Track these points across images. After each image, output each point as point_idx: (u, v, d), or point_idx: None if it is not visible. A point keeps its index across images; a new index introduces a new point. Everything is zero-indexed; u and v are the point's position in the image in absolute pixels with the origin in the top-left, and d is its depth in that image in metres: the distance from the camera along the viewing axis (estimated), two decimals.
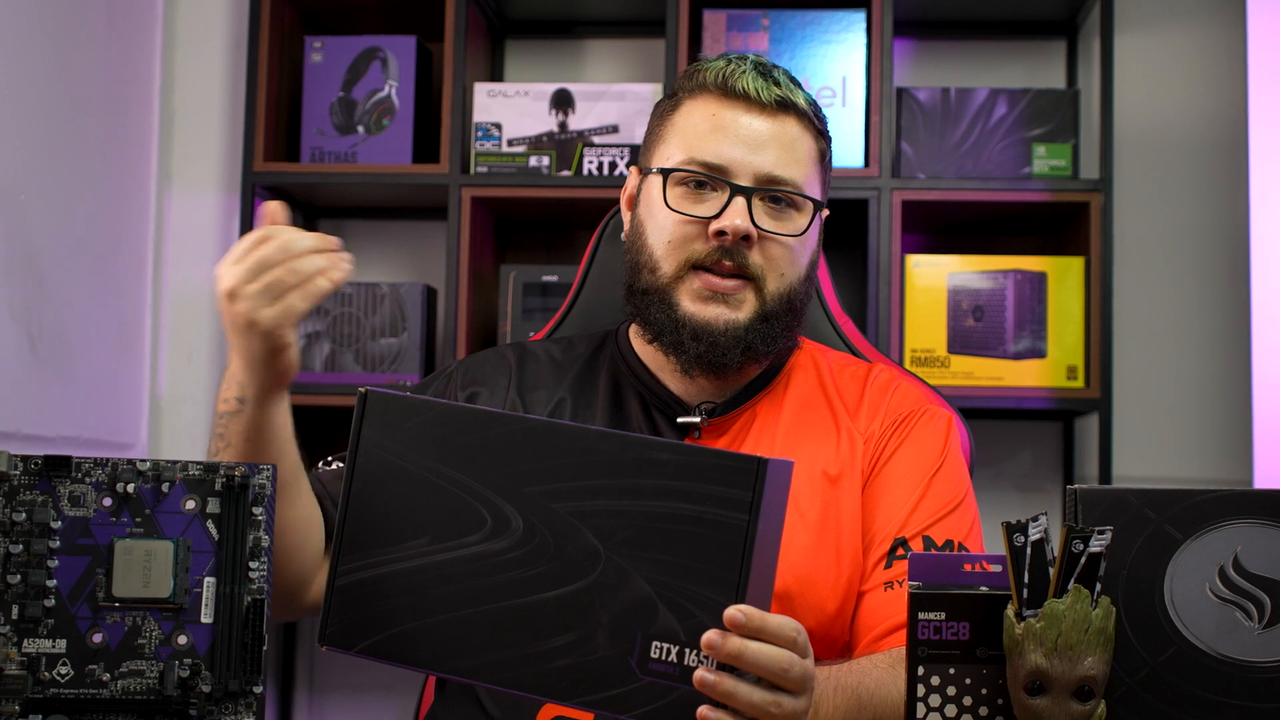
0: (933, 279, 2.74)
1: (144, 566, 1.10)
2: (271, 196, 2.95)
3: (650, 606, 1.05)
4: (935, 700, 1.07)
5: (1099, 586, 1.03)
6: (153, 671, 1.10)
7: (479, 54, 2.96)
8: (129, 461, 1.11)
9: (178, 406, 3.04)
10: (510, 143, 2.83)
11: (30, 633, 1.09)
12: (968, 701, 1.07)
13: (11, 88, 2.51)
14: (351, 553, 1.13)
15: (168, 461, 1.12)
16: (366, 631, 1.12)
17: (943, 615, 1.07)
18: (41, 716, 1.09)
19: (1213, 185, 2.92)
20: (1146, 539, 1.07)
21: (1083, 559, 1.03)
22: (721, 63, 1.54)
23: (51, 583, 1.10)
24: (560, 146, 2.83)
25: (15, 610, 1.09)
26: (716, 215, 1.49)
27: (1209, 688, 1.06)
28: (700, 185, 1.51)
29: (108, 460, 1.11)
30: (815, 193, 1.54)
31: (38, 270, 2.57)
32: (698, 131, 1.52)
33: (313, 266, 1.27)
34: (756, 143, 1.50)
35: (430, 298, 2.89)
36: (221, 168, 3.07)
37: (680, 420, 1.55)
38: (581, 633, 1.06)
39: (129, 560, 1.10)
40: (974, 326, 2.73)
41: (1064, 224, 2.88)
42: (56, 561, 1.10)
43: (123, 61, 2.89)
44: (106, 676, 1.10)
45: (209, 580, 1.11)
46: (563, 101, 2.84)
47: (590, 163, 2.81)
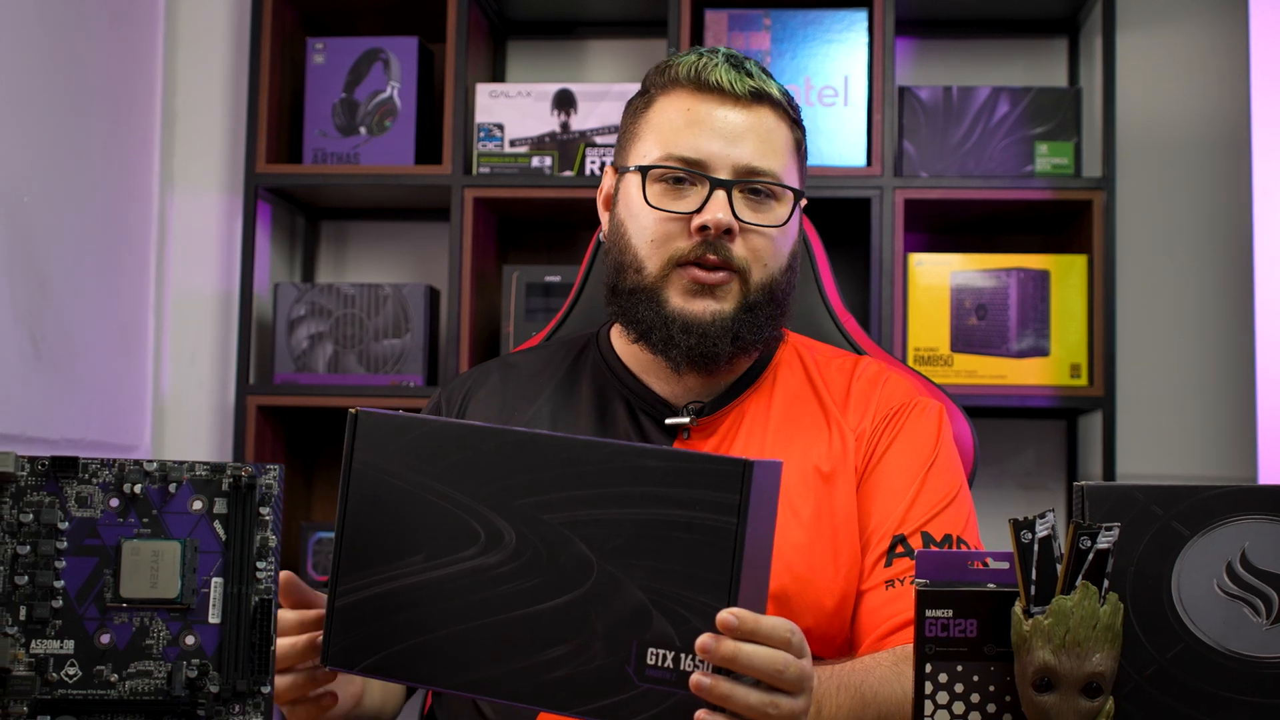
0: (936, 277, 2.74)
1: (151, 567, 1.10)
2: (274, 198, 2.95)
3: (644, 613, 1.05)
4: (943, 697, 1.07)
5: (1106, 583, 1.03)
6: (160, 672, 1.10)
7: (481, 55, 2.96)
8: (136, 462, 1.11)
9: (181, 408, 3.04)
10: (512, 143, 2.84)
11: (38, 634, 1.09)
12: (975, 699, 1.07)
13: (14, 90, 2.51)
14: (350, 573, 1.13)
15: (174, 462, 1.12)
16: (368, 650, 1.12)
17: (950, 612, 1.07)
18: (50, 717, 1.09)
19: (1215, 182, 2.92)
20: (1154, 535, 1.07)
21: (1090, 555, 1.02)
22: (693, 57, 1.53)
23: (59, 584, 1.10)
24: (562, 147, 2.83)
25: (23, 611, 1.09)
26: (698, 210, 1.48)
27: (1217, 684, 1.06)
28: (679, 181, 1.50)
29: (114, 461, 1.11)
30: (793, 182, 1.54)
31: (41, 272, 2.57)
32: (673, 127, 1.51)
33: None
34: (733, 135, 1.50)
35: (433, 298, 2.89)
36: (224, 169, 3.07)
37: (668, 422, 1.54)
38: (578, 643, 1.07)
39: (136, 561, 1.10)
40: (977, 325, 2.73)
41: (1067, 222, 2.88)
42: (64, 562, 1.10)
43: (125, 63, 2.89)
44: (114, 677, 1.09)
45: (216, 580, 1.11)
46: (565, 102, 2.84)
47: (592, 163, 2.81)
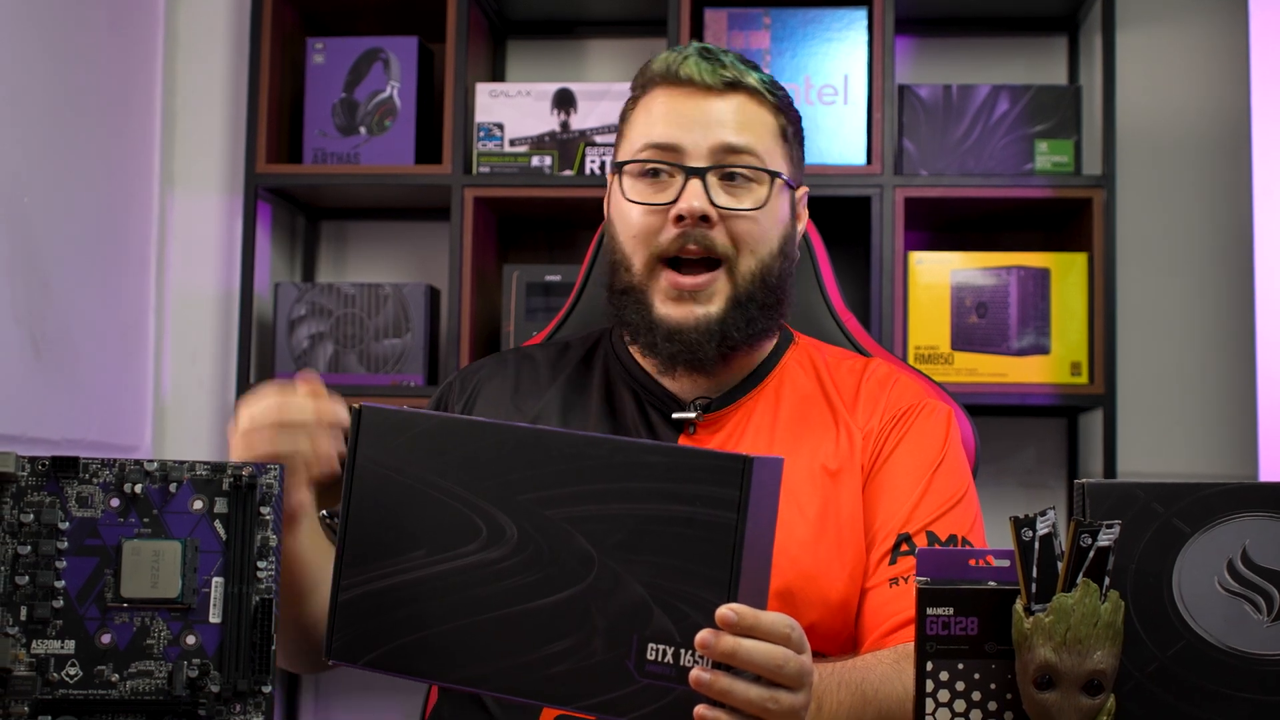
0: (936, 276, 2.74)
1: (152, 567, 1.10)
2: (274, 198, 2.95)
3: (645, 609, 1.05)
4: (944, 695, 1.07)
5: (1107, 580, 1.03)
6: (161, 672, 1.10)
7: (480, 54, 2.96)
8: (136, 462, 1.11)
9: (182, 408, 3.04)
10: (512, 143, 2.83)
11: (39, 634, 1.09)
12: (977, 696, 1.07)
13: (13, 91, 2.51)
14: (353, 567, 1.13)
15: (175, 462, 1.12)
16: (371, 645, 1.12)
17: (951, 610, 1.07)
18: (51, 717, 1.09)
19: (1215, 180, 2.92)
20: (1155, 533, 1.07)
21: (1091, 553, 1.02)
22: (666, 54, 1.56)
23: (60, 584, 1.10)
24: (562, 146, 2.83)
25: (24, 611, 1.09)
26: (675, 200, 1.49)
27: (1218, 681, 1.06)
28: (657, 174, 1.52)
29: (115, 461, 1.11)
30: (777, 164, 1.54)
31: (41, 273, 2.57)
32: (650, 122, 1.53)
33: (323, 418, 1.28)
34: (706, 122, 1.51)
35: (433, 298, 2.89)
36: (224, 169, 3.07)
37: (675, 416, 1.55)
38: (579, 638, 1.07)
39: (137, 561, 1.10)
40: (977, 323, 2.73)
41: (1067, 220, 2.88)
42: (65, 562, 1.10)
43: (124, 64, 2.89)
44: (115, 677, 1.10)
45: (217, 580, 1.11)
46: (564, 101, 2.84)
47: (592, 162, 2.81)
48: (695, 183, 1.49)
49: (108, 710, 1.09)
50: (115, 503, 1.11)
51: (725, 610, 1.04)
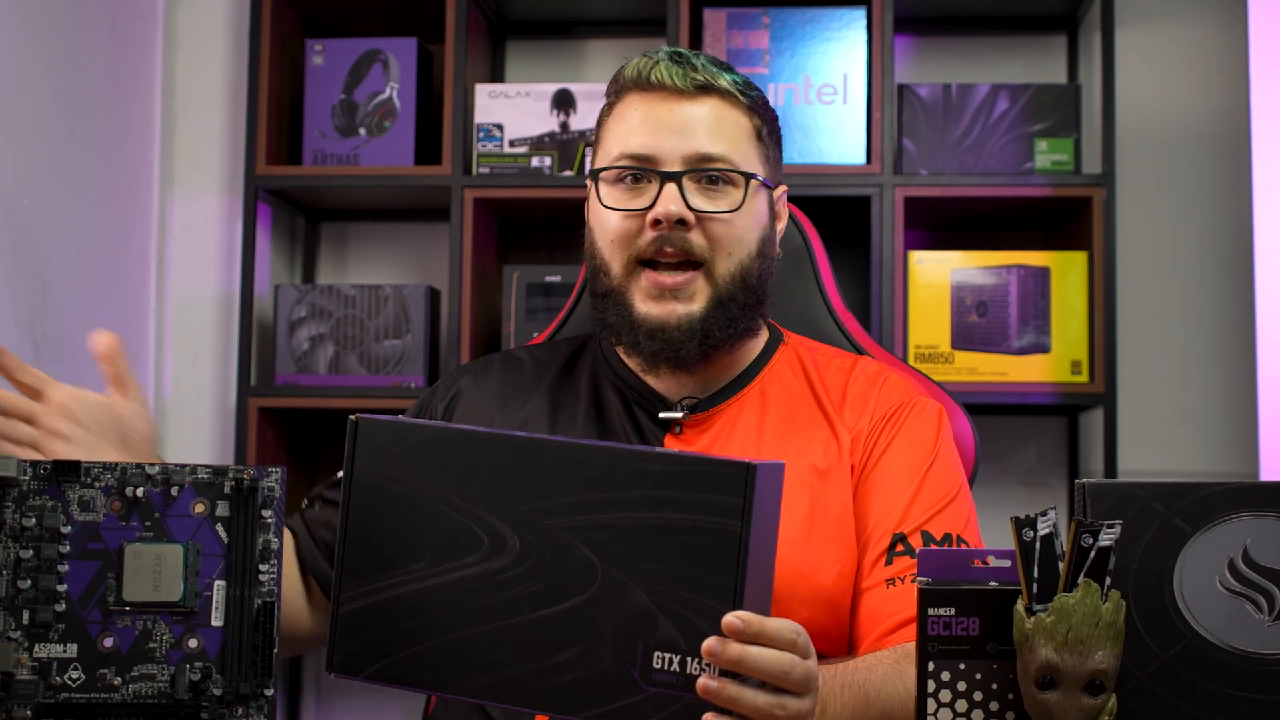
0: (936, 275, 2.74)
1: (154, 570, 1.10)
2: (274, 199, 2.95)
3: (650, 617, 1.05)
4: (946, 696, 1.07)
5: (1109, 580, 1.03)
6: (164, 675, 1.10)
7: (480, 55, 2.96)
8: (138, 465, 1.11)
9: (182, 410, 3.04)
10: (512, 143, 2.84)
11: (41, 638, 1.09)
12: (978, 697, 1.07)
13: (12, 93, 2.51)
14: (352, 580, 1.13)
15: (176, 465, 1.12)
16: (372, 657, 1.12)
17: (953, 611, 1.07)
18: None
19: (1215, 178, 2.92)
20: (1156, 532, 1.07)
21: (1092, 553, 1.03)
22: (638, 60, 1.56)
23: (62, 587, 1.10)
24: (562, 147, 2.83)
25: (26, 615, 1.09)
26: (651, 205, 1.50)
27: (1220, 680, 1.06)
28: (635, 180, 1.53)
29: (116, 465, 1.11)
30: (752, 166, 1.54)
31: (41, 276, 2.57)
32: (623, 129, 1.54)
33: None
34: (680, 128, 1.52)
35: (433, 299, 2.89)
36: (223, 171, 3.07)
37: (662, 416, 1.56)
38: (584, 647, 1.06)
39: (139, 564, 1.10)
40: (978, 322, 2.73)
41: (1067, 219, 2.88)
42: (66, 566, 1.10)
43: (124, 66, 2.89)
44: (118, 681, 1.10)
45: (219, 583, 1.11)
46: (564, 102, 2.84)
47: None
48: (671, 187, 1.50)
49: (110, 714, 1.09)
50: (117, 506, 1.11)
51: (731, 618, 1.03)
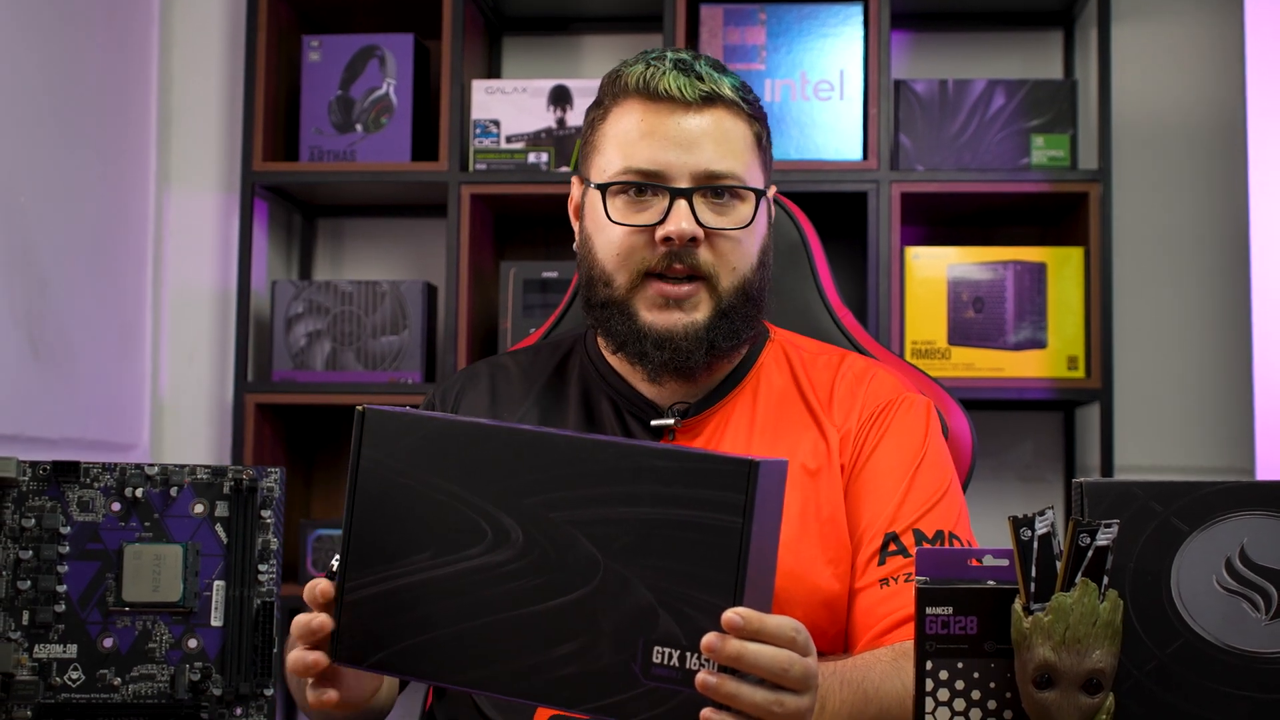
0: (932, 271, 2.74)
1: (153, 571, 1.10)
2: (271, 195, 2.95)
3: (651, 612, 1.06)
4: (944, 694, 1.07)
5: (1106, 579, 1.03)
6: (164, 675, 1.10)
7: (476, 51, 2.95)
8: (137, 466, 1.12)
9: (179, 406, 3.04)
10: (509, 139, 2.83)
11: (41, 638, 1.10)
12: (976, 695, 1.07)
13: (9, 90, 2.51)
14: (358, 570, 1.13)
15: (176, 466, 1.12)
16: (376, 646, 1.12)
17: (950, 610, 1.07)
18: None
19: (1212, 174, 2.93)
20: (1153, 531, 1.07)
21: (1090, 552, 1.03)
22: (641, 66, 1.52)
23: (61, 588, 1.10)
24: (559, 142, 2.83)
25: (26, 616, 1.10)
26: (660, 221, 1.48)
27: (1217, 679, 1.06)
28: (640, 192, 1.50)
29: (116, 465, 1.11)
30: (756, 179, 1.53)
31: (38, 273, 2.57)
32: (629, 140, 1.51)
33: None
34: (688, 142, 1.49)
35: (431, 295, 2.89)
36: (220, 167, 3.07)
37: (654, 423, 1.55)
38: (584, 641, 1.07)
39: (138, 565, 1.10)
40: (974, 318, 2.74)
41: (1063, 214, 2.88)
42: (66, 567, 1.10)
43: (121, 63, 2.89)
44: (118, 681, 1.10)
45: (218, 584, 1.11)
46: (561, 97, 2.84)
47: None
48: (681, 203, 1.48)
49: (110, 714, 1.10)
50: (116, 507, 1.11)
51: (731, 614, 1.04)
